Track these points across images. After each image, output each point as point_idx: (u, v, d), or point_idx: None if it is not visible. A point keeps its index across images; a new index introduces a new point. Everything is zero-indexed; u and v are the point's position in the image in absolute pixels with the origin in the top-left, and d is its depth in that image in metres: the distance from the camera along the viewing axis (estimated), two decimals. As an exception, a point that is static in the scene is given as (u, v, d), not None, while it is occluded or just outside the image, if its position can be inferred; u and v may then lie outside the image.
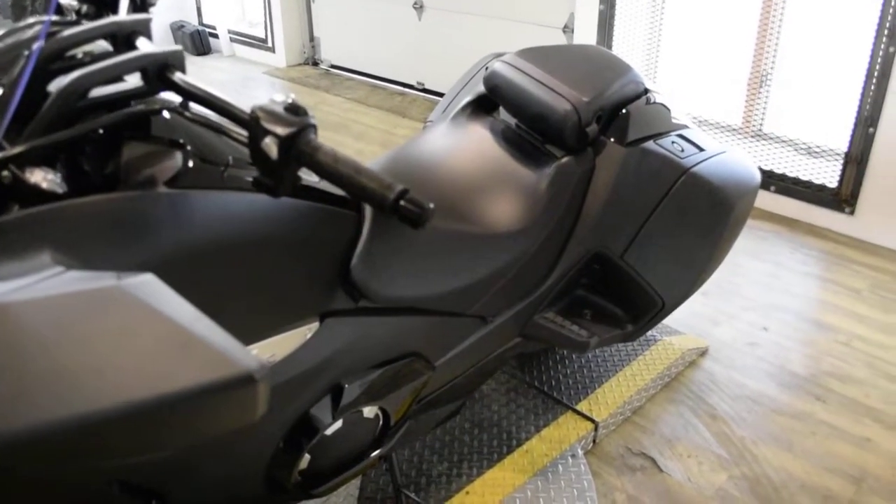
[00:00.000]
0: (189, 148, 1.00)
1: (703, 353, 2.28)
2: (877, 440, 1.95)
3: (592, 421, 1.91)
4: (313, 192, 1.17)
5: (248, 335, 1.10)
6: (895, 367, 2.22)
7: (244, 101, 0.98)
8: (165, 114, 1.01)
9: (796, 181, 3.13)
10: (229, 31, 6.35)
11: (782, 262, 2.82)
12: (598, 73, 1.60)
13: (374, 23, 5.20)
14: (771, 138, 3.35)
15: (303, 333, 1.19)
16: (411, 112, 4.65)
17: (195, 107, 1.02)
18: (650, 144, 1.60)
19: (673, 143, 1.65)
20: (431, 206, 0.88)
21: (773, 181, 3.18)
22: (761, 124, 3.44)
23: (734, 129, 3.48)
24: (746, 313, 2.50)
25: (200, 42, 6.41)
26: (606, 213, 1.56)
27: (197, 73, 5.85)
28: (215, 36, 6.44)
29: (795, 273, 2.75)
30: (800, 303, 2.56)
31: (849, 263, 2.80)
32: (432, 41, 4.78)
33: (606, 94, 1.56)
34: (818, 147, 3.15)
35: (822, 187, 3.05)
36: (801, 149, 3.21)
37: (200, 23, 6.64)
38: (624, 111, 1.59)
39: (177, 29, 6.59)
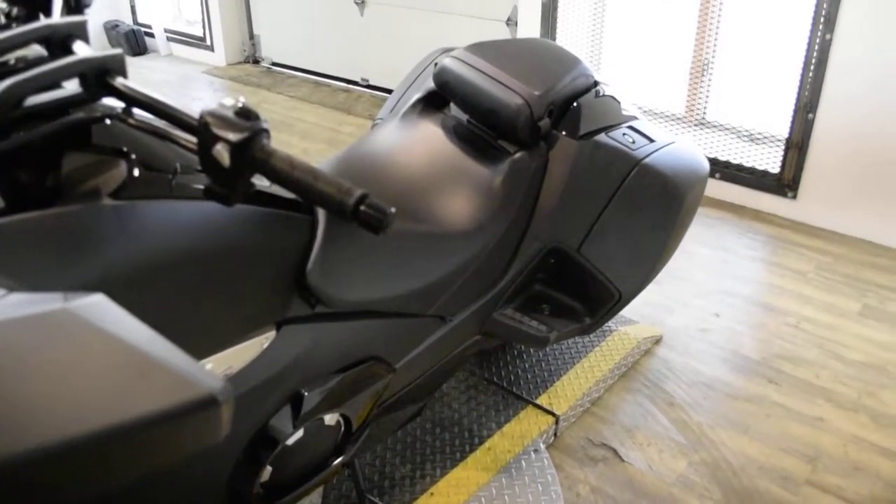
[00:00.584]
0: (134, 157, 0.95)
1: (657, 341, 2.31)
2: (829, 419, 1.99)
3: (553, 414, 1.91)
4: (264, 196, 1.14)
5: (203, 348, 1.06)
6: (843, 346, 2.28)
7: (189, 104, 0.94)
8: (107, 121, 0.96)
9: (740, 168, 3.19)
10: (166, 30, 6.19)
11: (730, 247, 2.88)
12: (548, 67, 1.59)
13: (315, 19, 5.13)
14: (714, 126, 3.41)
15: (259, 343, 1.16)
16: (356, 109, 4.60)
17: (139, 113, 0.98)
18: (602, 137, 1.60)
19: (624, 134, 1.65)
20: (392, 209, 0.86)
21: (718, 168, 3.23)
22: (704, 112, 3.50)
23: (678, 118, 3.53)
24: (698, 300, 2.53)
25: (136, 42, 6.24)
26: (561, 208, 1.55)
27: (134, 74, 5.67)
28: (151, 35, 6.28)
29: (743, 258, 2.80)
30: (749, 287, 2.61)
31: (794, 247, 2.87)
32: (376, 37, 4.73)
33: (557, 87, 1.55)
34: (760, 134, 3.22)
35: (765, 173, 3.12)
36: (744, 136, 3.27)
37: (135, 22, 6.46)
38: (575, 104, 1.59)
39: (111, 29, 6.40)
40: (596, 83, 1.69)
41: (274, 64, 5.61)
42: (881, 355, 2.24)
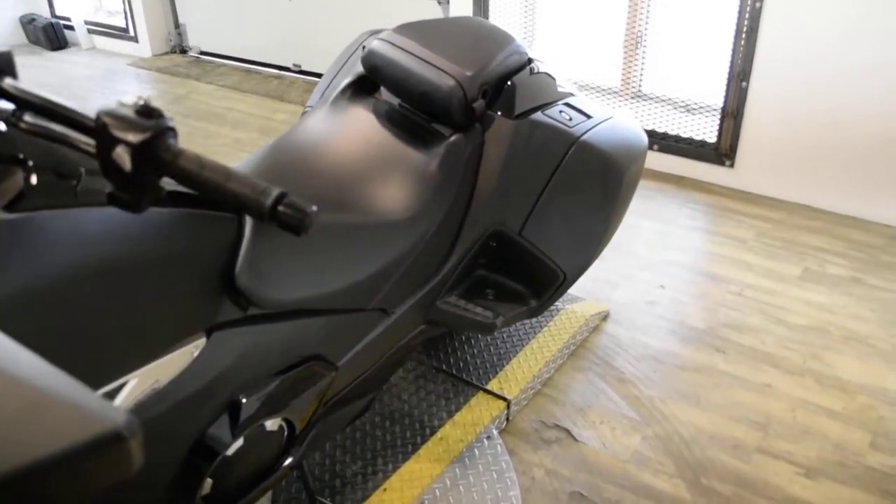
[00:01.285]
0: (31, 163, 0.87)
1: (605, 317, 2.30)
2: (776, 385, 2.01)
3: (504, 399, 1.88)
4: (183, 196, 1.07)
5: (125, 364, 0.99)
6: (786, 311, 2.31)
7: (117, 99, 0.87)
8: (-1, 125, 0.88)
9: (678, 139, 3.20)
10: (86, 22, 5.94)
11: (671, 218, 2.89)
12: (480, 46, 1.54)
13: (243, 5, 4.97)
14: (650, 98, 3.41)
15: (189, 352, 1.09)
16: (290, 95, 4.49)
17: (32, 116, 0.90)
18: (539, 116, 1.56)
19: (561, 112, 1.62)
20: (314, 208, 0.80)
21: (656, 140, 3.24)
22: (640, 85, 3.50)
23: (614, 92, 3.53)
24: (642, 273, 2.54)
25: (55, 35, 5.97)
26: (500, 190, 1.51)
27: (55, 69, 5.45)
28: (71, 28, 6.02)
29: (684, 228, 2.81)
30: (692, 257, 2.62)
31: (733, 215, 2.89)
32: (306, 21, 4.62)
33: (490, 66, 1.51)
34: (696, 104, 3.23)
35: (703, 143, 3.14)
36: (680, 107, 3.29)
37: (53, 15, 6.19)
38: (509, 83, 1.54)
39: (27, 23, 6.12)
40: (530, 60, 1.65)
41: (203, 53, 5.44)
42: (823, 317, 2.28)
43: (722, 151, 3.08)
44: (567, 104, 1.68)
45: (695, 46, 3.32)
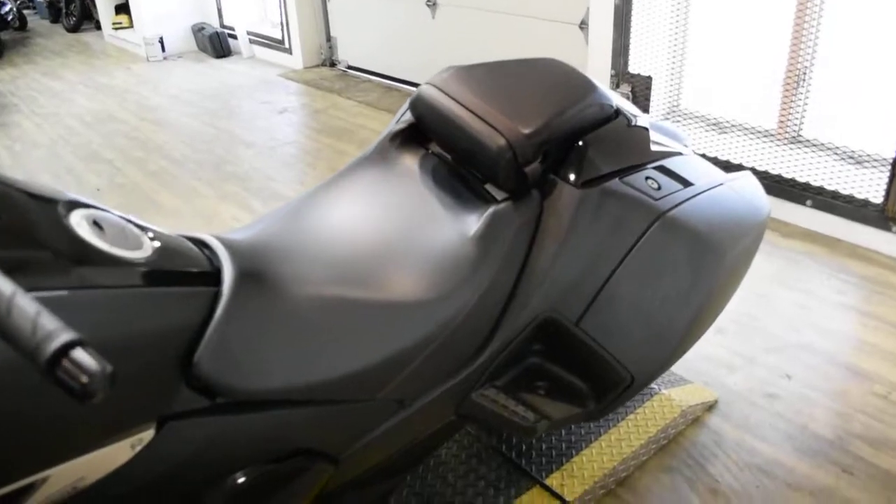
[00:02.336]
0: None
1: (710, 407, 1.95)
2: (914, 529, 1.60)
3: (562, 500, 1.61)
4: (157, 274, 0.93)
5: (38, 461, 0.85)
6: (943, 429, 1.86)
7: (256, 108, 0.71)
8: None
9: (836, 195, 2.75)
10: (248, 33, 6.17)
11: (815, 290, 2.46)
12: (548, 97, 1.29)
13: (388, 22, 4.94)
14: (809, 144, 2.97)
15: (129, 445, 0.93)
16: (423, 116, 4.37)
17: None
18: (614, 184, 1.28)
19: (648, 179, 1.33)
20: (107, 368, 0.60)
21: (810, 194, 2.80)
22: (799, 129, 3.06)
23: (770, 134, 3.11)
24: (768, 356, 2.15)
25: (220, 44, 6.26)
26: (557, 271, 1.24)
27: (213, 75, 5.68)
28: (235, 38, 6.28)
29: (830, 304, 2.38)
30: (832, 342, 2.20)
31: (895, 293, 2.42)
32: (446, 40, 4.49)
33: (555, 123, 1.25)
34: (863, 155, 2.76)
35: (866, 202, 2.66)
36: (844, 157, 2.83)
37: (221, 24, 6.49)
38: (579, 143, 1.28)
39: (197, 31, 6.46)
40: (617, 113, 1.37)
41: (350, 67, 5.47)
42: None
43: (889, 214, 2.60)
44: (661, 167, 1.38)
45: (867, 87, 2.85)
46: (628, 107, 1.49)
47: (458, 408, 1.33)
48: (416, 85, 4.88)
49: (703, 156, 3.10)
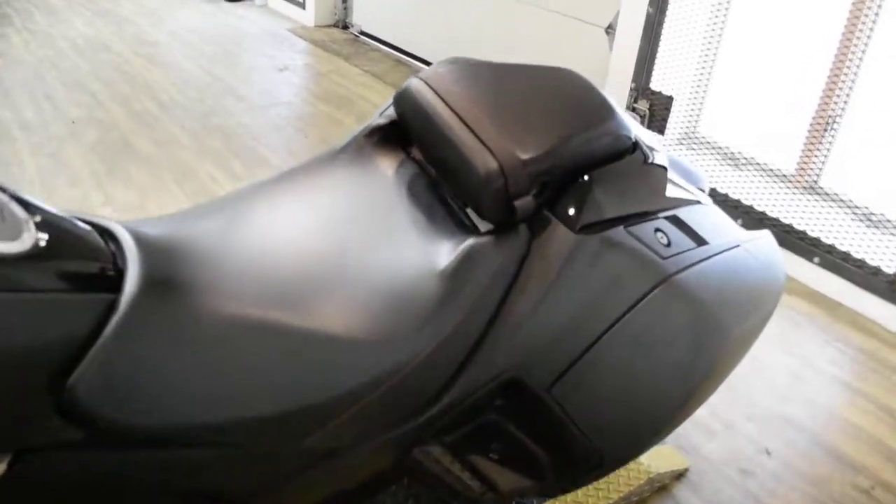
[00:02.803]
0: None
1: (680, 475, 1.79)
2: None
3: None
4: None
5: None
6: (927, 541, 1.70)
7: (257, 60, 0.51)
8: None
9: (846, 256, 2.57)
10: (264, -21, 5.90)
11: (810, 357, 2.29)
12: (558, 117, 1.09)
13: (408, -9, 4.70)
14: (826, 196, 2.79)
15: None
16: (428, 98, 4.15)
17: None
18: (617, 233, 1.09)
19: (657, 231, 1.14)
20: None
21: (819, 251, 2.62)
22: (817, 177, 2.87)
23: (785, 178, 2.92)
24: (750, 425, 1.98)
25: (233, -14, 5.98)
26: (534, 326, 1.05)
27: (223, 19, 5.42)
28: (249, -18, 6.01)
29: (823, 376, 2.21)
30: (819, 419, 2.03)
31: (892, 374, 2.25)
32: (463, 21, 4.26)
33: (561, 150, 1.05)
34: (879, 216, 2.58)
35: (877, 270, 2.49)
36: (860, 216, 2.65)
37: (237, -34, 6.20)
38: (585, 178, 1.08)
39: (211, -31, 6.16)
40: (635, 147, 1.17)
41: (362, 32, 5.23)
42: (980, 565, 1.65)
43: (899, 287, 2.43)
44: (674, 219, 1.19)
45: (898, 149, 2.66)
46: (647, 137, 1.30)
47: (397, 462, 1.15)
48: (428, 63, 4.65)
49: (713, 193, 2.91)
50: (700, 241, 1.19)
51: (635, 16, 3.05)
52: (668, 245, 1.13)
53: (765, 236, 1.42)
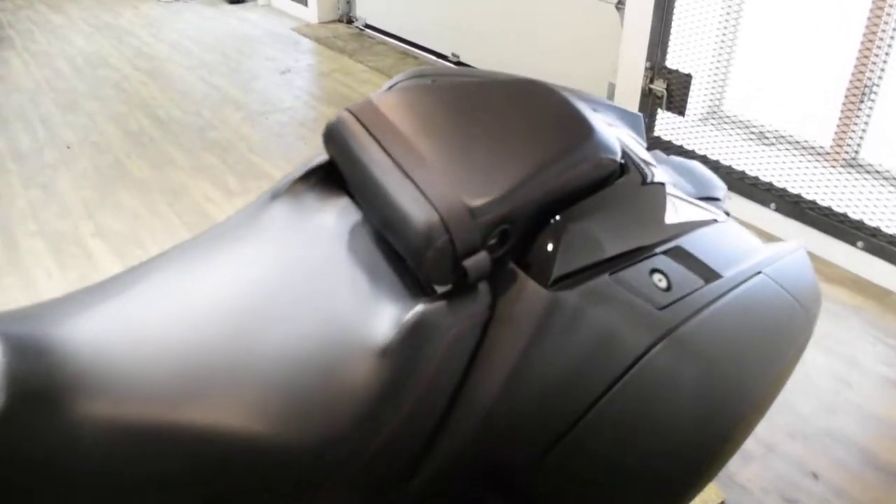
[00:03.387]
0: None
1: (714, 511, 1.59)
2: None
3: None
4: None
5: None
6: None
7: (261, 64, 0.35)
8: None
9: (893, 239, 2.32)
10: (265, -21, 5.74)
11: (859, 357, 2.06)
12: (522, 147, 0.89)
13: (409, -20, 4.49)
14: (867, 171, 2.53)
15: None
16: (435, 91, 3.95)
17: None
18: (601, 283, 0.88)
19: (654, 272, 0.93)
20: None
21: (863, 234, 2.38)
22: (857, 151, 2.62)
23: (821, 154, 2.67)
24: (794, 444, 1.77)
25: (234, -12, 5.83)
26: (504, 405, 0.86)
27: (221, 22, 5.29)
28: (250, -18, 5.85)
29: (873, 378, 1.98)
30: (873, 433, 1.81)
31: (954, 371, 2.02)
32: (471, 7, 4.04)
33: (523, 189, 0.85)
34: (931, 194, 2.33)
35: (930, 253, 2.24)
36: (907, 192, 2.39)
37: (237, -34, 6.05)
38: (556, 219, 0.89)
39: (212, -28, 6.02)
40: (622, 170, 0.97)
41: (367, 26, 5.04)
42: None
43: (957, 271, 2.18)
44: (677, 252, 0.98)
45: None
46: (640, 150, 1.10)
47: None
48: (436, 54, 4.45)
49: (739, 182, 2.67)
50: (710, 276, 0.99)
51: (645, -11, 2.81)
52: (668, 289, 0.93)
53: (794, 253, 1.21)
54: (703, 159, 2.79)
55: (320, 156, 1.06)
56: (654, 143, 2.95)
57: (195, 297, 0.87)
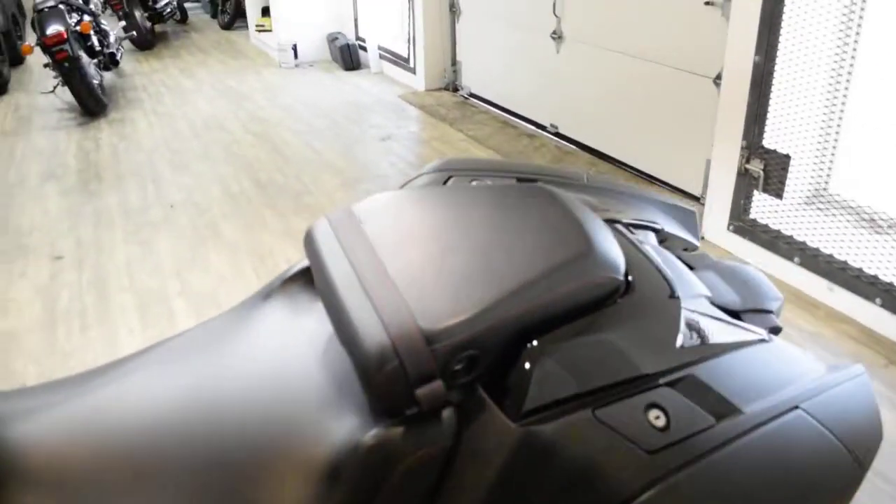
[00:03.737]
0: None
1: None
2: None
3: None
4: None
5: None
6: None
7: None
8: None
9: None
10: (379, 48, 5.95)
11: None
12: (504, 262, 0.82)
13: (512, 51, 4.52)
14: None
15: None
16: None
17: None
18: (580, 419, 0.78)
19: (652, 407, 0.82)
20: None
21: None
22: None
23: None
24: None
25: (350, 56, 6.08)
26: None
27: (334, 89, 5.49)
28: (366, 50, 6.07)
29: None
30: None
31: None
32: (569, 78, 4.01)
33: (492, 313, 0.77)
34: None
35: None
36: None
37: (356, 36, 6.31)
38: (532, 344, 0.80)
39: (331, 41, 6.32)
40: (617, 290, 0.86)
41: (471, 94, 5.10)
42: None
43: None
44: (687, 382, 0.86)
45: None
46: (667, 259, 1.00)
47: None
48: (535, 124, 4.42)
49: (844, 266, 2.44)
50: (726, 412, 0.86)
51: (741, 66, 2.68)
52: (666, 428, 0.82)
53: (851, 377, 1.06)
54: (802, 246, 2.59)
55: (301, 263, 1.04)
56: (750, 226, 2.77)
57: (155, 402, 0.84)
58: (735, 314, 1.13)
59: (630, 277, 0.90)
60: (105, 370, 0.89)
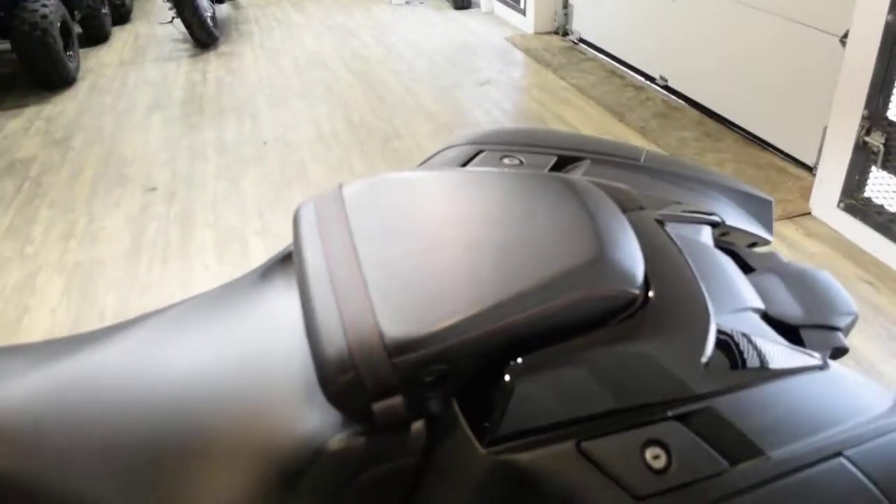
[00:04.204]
0: None
1: None
2: None
3: None
4: None
5: None
6: None
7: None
8: None
9: None
10: (490, -14, 5.74)
11: None
12: (495, 266, 0.72)
13: (627, -3, 4.24)
14: None
15: None
16: (631, 117, 3.70)
17: None
18: (561, 451, 0.68)
19: (650, 444, 0.72)
20: None
21: None
22: None
23: None
24: None
25: (462, -6, 5.90)
26: None
27: (439, 30, 5.37)
28: (477, -12, 5.88)
29: None
30: None
31: None
32: (684, 29, 3.73)
33: (466, 325, 0.67)
34: None
35: None
36: None
37: (469, -27, 6.11)
38: (516, 362, 0.71)
39: (444, -23, 6.14)
40: (632, 304, 0.75)
41: (581, 40, 4.86)
42: None
43: None
44: (704, 416, 0.74)
45: None
46: (719, 264, 0.87)
47: None
48: (644, 75, 4.17)
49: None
50: (745, 455, 0.74)
51: (871, 25, 2.38)
52: (665, 470, 0.71)
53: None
54: (921, 232, 2.32)
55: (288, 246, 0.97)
56: (863, 205, 2.51)
57: (132, 378, 0.81)
58: (794, 329, 1.00)
59: (651, 288, 0.79)
60: (84, 338, 0.87)
